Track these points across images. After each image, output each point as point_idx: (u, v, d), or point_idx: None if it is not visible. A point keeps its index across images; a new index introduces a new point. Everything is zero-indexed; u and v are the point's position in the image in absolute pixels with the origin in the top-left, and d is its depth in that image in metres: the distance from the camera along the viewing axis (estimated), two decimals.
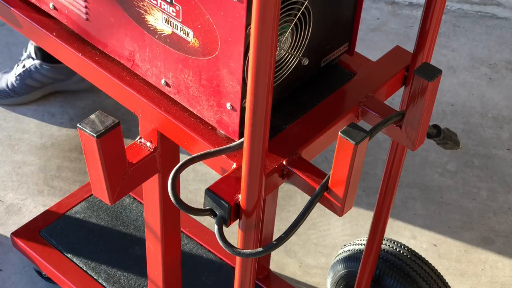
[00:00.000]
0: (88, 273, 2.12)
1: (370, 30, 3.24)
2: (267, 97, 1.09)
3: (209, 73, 1.29)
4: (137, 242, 2.19)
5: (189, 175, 2.60)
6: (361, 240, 1.97)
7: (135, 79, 1.44)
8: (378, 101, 1.45)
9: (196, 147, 1.36)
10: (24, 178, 2.55)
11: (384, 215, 1.70)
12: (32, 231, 2.20)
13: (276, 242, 1.24)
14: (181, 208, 1.23)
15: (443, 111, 2.90)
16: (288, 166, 1.32)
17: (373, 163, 2.68)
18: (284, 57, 1.35)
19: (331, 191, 1.27)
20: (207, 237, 2.22)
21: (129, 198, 2.30)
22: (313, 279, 2.35)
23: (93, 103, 2.81)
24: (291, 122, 1.40)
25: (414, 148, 1.44)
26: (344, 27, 1.45)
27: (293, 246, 2.43)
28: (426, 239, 2.48)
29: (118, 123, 1.32)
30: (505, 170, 2.70)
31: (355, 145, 1.19)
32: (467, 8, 3.39)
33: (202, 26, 1.24)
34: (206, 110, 1.34)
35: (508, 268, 2.41)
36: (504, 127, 2.85)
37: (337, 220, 2.50)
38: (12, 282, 2.28)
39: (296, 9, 1.29)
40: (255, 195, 1.22)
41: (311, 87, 1.47)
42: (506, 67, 3.11)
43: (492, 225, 2.53)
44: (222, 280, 2.13)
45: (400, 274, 1.88)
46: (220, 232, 1.23)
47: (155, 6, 1.29)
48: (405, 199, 2.59)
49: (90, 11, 1.43)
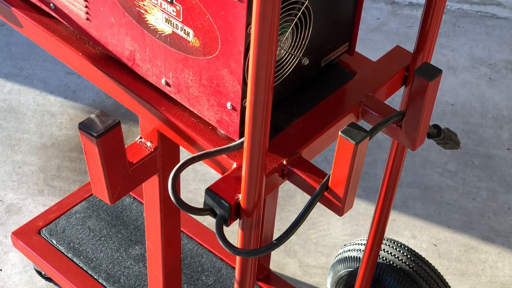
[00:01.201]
0: (88, 273, 2.12)
1: (370, 30, 3.24)
2: (267, 96, 1.09)
3: (210, 73, 1.29)
4: (137, 242, 2.19)
5: (189, 175, 2.60)
6: (361, 240, 1.97)
7: (135, 79, 1.44)
8: (378, 101, 1.45)
9: (196, 147, 1.36)
10: (24, 178, 2.55)
11: (384, 215, 1.70)
12: (32, 231, 2.20)
13: (276, 241, 1.24)
14: (181, 207, 1.23)
15: (443, 111, 2.90)
16: (288, 166, 1.32)
17: (373, 163, 2.68)
18: (284, 57, 1.35)
19: (331, 191, 1.27)
20: (207, 237, 2.22)
21: (129, 198, 2.30)
22: (313, 279, 2.35)
23: (93, 103, 2.81)
24: (291, 122, 1.40)
25: (414, 148, 1.44)
26: (344, 27, 1.45)
27: (293, 246, 2.43)
28: (426, 239, 2.48)
29: (118, 123, 1.32)
30: (505, 170, 2.70)
31: (355, 145, 1.19)
32: (467, 8, 3.39)
33: (203, 26, 1.24)
34: (206, 109, 1.34)
35: (508, 268, 2.41)
36: (504, 127, 2.85)
37: (337, 220, 2.50)
38: (12, 282, 2.28)
39: (296, 9, 1.29)
40: (255, 194, 1.22)
41: (311, 87, 1.47)
42: (506, 67, 3.11)
43: (492, 225, 2.53)
44: (222, 280, 2.13)
45: (400, 274, 1.88)
46: (220, 231, 1.23)
47: (155, 6, 1.29)
48: (405, 199, 2.59)
49: (91, 11, 1.43)
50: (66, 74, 2.93)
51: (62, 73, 2.93)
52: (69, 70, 2.92)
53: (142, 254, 2.16)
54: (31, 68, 2.94)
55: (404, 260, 1.89)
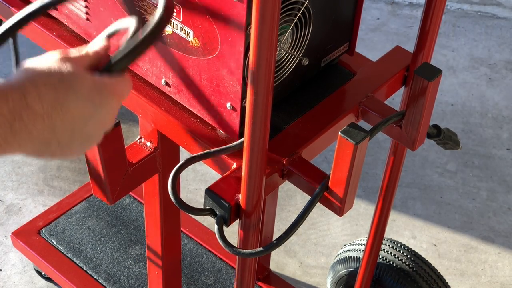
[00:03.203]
0: (88, 273, 2.12)
1: (370, 30, 3.24)
2: (267, 97, 1.09)
3: (209, 73, 1.29)
4: (137, 242, 2.19)
5: (189, 175, 2.60)
6: (361, 240, 1.97)
7: (135, 79, 1.44)
8: (378, 101, 1.45)
9: (196, 147, 1.36)
10: (24, 178, 2.55)
11: (384, 215, 1.70)
12: (32, 231, 2.20)
13: (276, 241, 1.24)
14: (181, 207, 1.23)
15: (443, 111, 2.90)
16: (288, 166, 1.32)
17: (373, 163, 2.68)
18: (284, 57, 1.35)
19: (331, 191, 1.27)
20: (207, 237, 2.22)
21: (129, 198, 2.30)
22: (313, 279, 2.35)
23: None
24: (291, 122, 1.40)
25: (414, 148, 1.44)
26: (344, 27, 1.45)
27: (293, 246, 2.43)
28: (426, 239, 2.48)
29: (118, 123, 1.32)
30: (505, 170, 2.70)
31: (355, 145, 1.19)
32: (467, 8, 3.39)
33: (202, 26, 1.24)
34: (206, 110, 1.34)
35: (508, 268, 2.41)
36: (504, 127, 2.85)
37: (337, 220, 2.50)
38: (12, 282, 2.28)
39: (296, 9, 1.29)
40: (255, 195, 1.22)
41: (311, 87, 1.47)
42: (506, 67, 3.11)
43: (492, 225, 2.53)
44: (222, 280, 2.13)
45: (400, 274, 1.88)
46: (220, 231, 1.23)
47: (155, 6, 1.29)
48: (405, 199, 2.59)
49: (91, 11, 1.43)
50: None
51: None
52: None
53: (142, 254, 2.16)
54: None
55: (404, 260, 1.89)
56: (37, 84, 0.87)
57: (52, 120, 0.87)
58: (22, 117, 0.85)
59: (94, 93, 0.91)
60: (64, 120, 0.88)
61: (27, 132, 0.86)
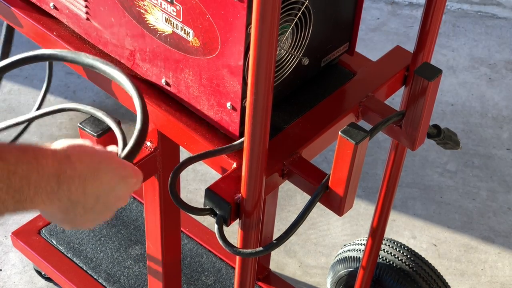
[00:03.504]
0: (88, 273, 2.12)
1: (370, 30, 3.24)
2: (267, 96, 1.09)
3: (210, 73, 1.29)
4: (137, 242, 2.19)
5: (189, 175, 2.60)
6: (361, 240, 1.97)
7: (135, 79, 1.44)
8: (378, 101, 1.45)
9: (196, 146, 1.36)
10: None
11: (384, 215, 1.70)
12: (32, 230, 2.20)
13: (276, 241, 1.24)
14: (181, 207, 1.23)
15: (443, 111, 2.90)
16: (288, 166, 1.32)
17: (373, 163, 2.68)
18: (284, 57, 1.35)
19: (331, 191, 1.27)
20: (207, 237, 2.22)
21: (129, 198, 2.30)
22: (313, 279, 2.35)
23: (93, 103, 2.81)
24: (291, 122, 1.40)
25: (414, 148, 1.44)
26: (344, 27, 1.45)
27: (293, 246, 2.43)
28: (426, 239, 2.48)
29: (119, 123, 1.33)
30: (505, 170, 2.70)
31: (355, 144, 1.19)
32: (467, 8, 3.39)
33: (203, 26, 1.24)
34: (206, 109, 1.34)
35: (508, 268, 2.41)
36: (504, 127, 2.85)
37: (337, 220, 2.50)
38: (12, 282, 2.28)
39: (296, 9, 1.29)
40: (255, 194, 1.22)
41: (311, 87, 1.47)
42: (506, 67, 3.11)
43: (492, 225, 2.53)
44: (222, 280, 2.13)
45: (400, 274, 1.88)
46: (220, 231, 1.23)
47: (155, 6, 1.29)
48: (405, 199, 2.59)
49: (91, 11, 1.43)
50: (66, 74, 2.93)
51: (62, 73, 2.93)
52: (69, 70, 2.92)
53: (142, 254, 2.16)
54: (31, 68, 2.94)
55: (404, 260, 1.88)
56: (77, 150, 1.01)
57: (85, 183, 1.00)
58: (66, 172, 0.97)
59: (120, 169, 1.06)
60: (93, 186, 1.01)
61: (67, 188, 0.97)
